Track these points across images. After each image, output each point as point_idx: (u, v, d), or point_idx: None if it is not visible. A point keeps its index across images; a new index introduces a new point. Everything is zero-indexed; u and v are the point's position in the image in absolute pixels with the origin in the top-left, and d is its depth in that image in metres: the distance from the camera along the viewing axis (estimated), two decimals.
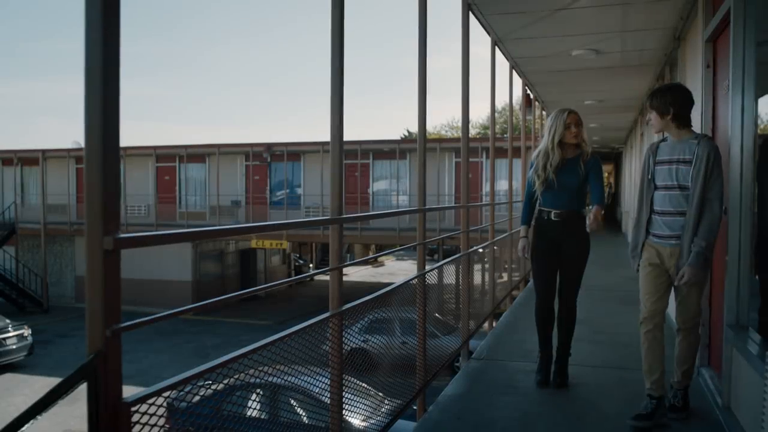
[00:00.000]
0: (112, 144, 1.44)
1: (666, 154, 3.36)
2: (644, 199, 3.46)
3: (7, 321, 17.18)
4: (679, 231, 3.29)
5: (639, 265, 3.51)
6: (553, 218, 4.08)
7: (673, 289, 3.43)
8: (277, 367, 2.27)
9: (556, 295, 4.21)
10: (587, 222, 3.89)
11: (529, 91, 9.64)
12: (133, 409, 1.49)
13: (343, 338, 2.86)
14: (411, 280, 3.92)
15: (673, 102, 3.33)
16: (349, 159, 23.61)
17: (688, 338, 3.45)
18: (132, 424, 1.49)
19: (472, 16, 5.61)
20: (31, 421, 1.40)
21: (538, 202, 4.19)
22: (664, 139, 3.46)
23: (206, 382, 1.75)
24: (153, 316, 1.56)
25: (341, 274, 2.81)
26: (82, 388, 1.42)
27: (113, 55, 1.45)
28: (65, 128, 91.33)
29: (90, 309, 1.42)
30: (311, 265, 34.78)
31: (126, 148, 25.49)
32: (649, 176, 3.43)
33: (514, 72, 8.22)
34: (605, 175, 40.51)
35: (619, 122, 14.55)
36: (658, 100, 3.37)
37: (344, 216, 2.82)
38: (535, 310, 4.27)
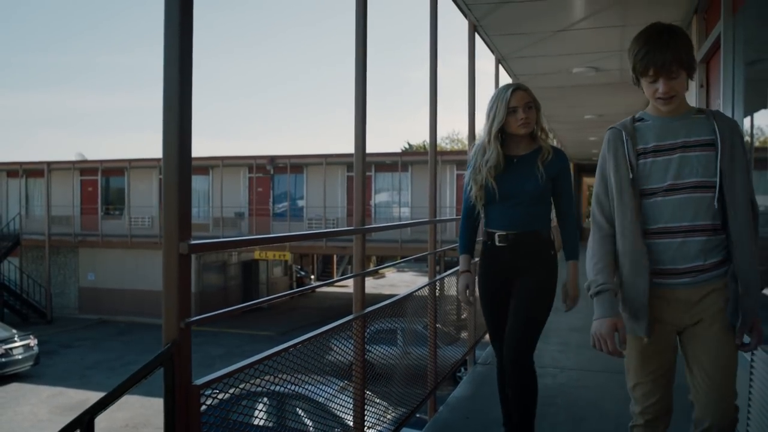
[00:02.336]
0: (186, 160, 1.68)
1: (656, 139, 2.09)
2: (629, 213, 2.04)
3: (14, 331, 17.36)
4: (703, 259, 1.99)
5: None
6: (497, 243, 2.82)
7: (689, 360, 2.10)
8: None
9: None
10: (563, 295, 2.84)
11: None
12: (202, 391, 1.73)
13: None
14: (424, 287, 4.13)
15: (692, 51, 2.10)
16: (352, 171, 23.79)
17: None
18: (201, 404, 1.72)
19: (477, 37, 5.89)
20: (114, 402, 1.64)
21: (481, 219, 2.95)
22: (637, 118, 2.23)
23: (256, 372, 1.98)
24: (221, 311, 1.81)
25: (364, 280, 3.06)
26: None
27: (187, 76, 1.69)
28: (66, 140, 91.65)
29: (166, 305, 1.66)
30: (312, 277, 34.98)
31: (130, 161, 25.82)
32: (631, 175, 2.06)
33: None
34: None
35: None
36: (687, 53, 2.04)
37: (368, 227, 3.07)
38: (497, 373, 3.07)
